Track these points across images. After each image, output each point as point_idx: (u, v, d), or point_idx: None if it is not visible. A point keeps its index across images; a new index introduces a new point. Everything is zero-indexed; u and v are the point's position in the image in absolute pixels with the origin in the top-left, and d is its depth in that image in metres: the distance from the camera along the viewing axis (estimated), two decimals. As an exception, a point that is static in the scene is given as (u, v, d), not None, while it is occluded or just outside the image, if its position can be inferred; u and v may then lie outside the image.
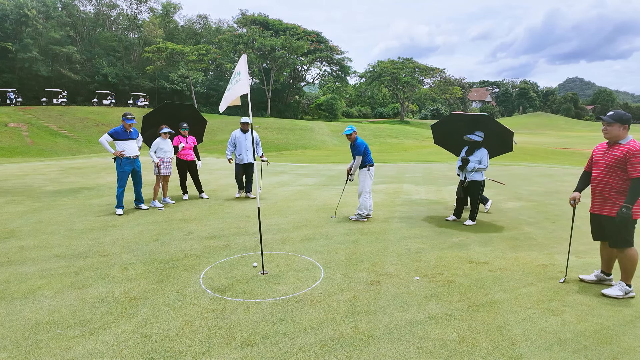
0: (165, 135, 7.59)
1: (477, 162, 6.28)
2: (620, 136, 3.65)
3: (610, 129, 3.67)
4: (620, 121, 3.63)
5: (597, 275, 4.05)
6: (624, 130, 3.64)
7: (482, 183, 6.40)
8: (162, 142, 7.59)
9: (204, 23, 64.39)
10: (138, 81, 53.12)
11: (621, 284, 3.75)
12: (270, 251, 5.08)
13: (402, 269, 4.47)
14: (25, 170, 12.95)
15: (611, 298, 3.70)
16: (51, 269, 4.42)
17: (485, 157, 6.30)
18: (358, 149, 6.42)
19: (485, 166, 6.28)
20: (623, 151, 3.58)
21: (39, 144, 30.48)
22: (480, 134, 6.38)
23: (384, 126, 47.26)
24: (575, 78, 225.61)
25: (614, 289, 3.77)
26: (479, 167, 6.27)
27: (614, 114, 3.67)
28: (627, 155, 3.54)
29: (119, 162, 6.94)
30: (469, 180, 6.36)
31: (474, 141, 6.37)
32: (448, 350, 2.90)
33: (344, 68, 62.41)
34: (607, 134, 3.71)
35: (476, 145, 6.39)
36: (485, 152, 6.34)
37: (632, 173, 3.52)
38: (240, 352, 2.87)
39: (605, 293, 3.75)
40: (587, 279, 4.07)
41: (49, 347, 2.91)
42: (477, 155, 6.34)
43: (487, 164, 6.30)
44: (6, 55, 45.00)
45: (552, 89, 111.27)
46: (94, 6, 57.86)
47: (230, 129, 38.50)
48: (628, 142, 3.61)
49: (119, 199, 7.02)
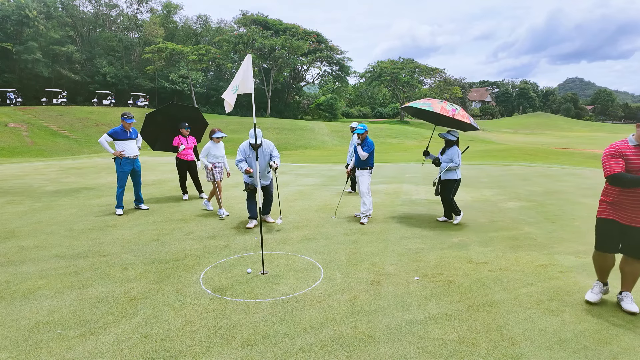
0: (218, 140, 7.15)
1: (449, 161, 6.29)
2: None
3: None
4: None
5: (601, 290, 3.64)
6: None
7: (457, 182, 6.37)
8: (213, 147, 7.13)
9: (204, 23, 64.42)
10: (138, 81, 53.14)
11: (629, 295, 3.48)
12: (270, 251, 5.07)
13: (402, 269, 4.47)
14: (25, 171, 12.95)
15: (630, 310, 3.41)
16: (51, 269, 4.42)
17: (456, 155, 6.29)
18: (369, 147, 6.40)
19: (457, 164, 6.27)
20: None
21: (39, 144, 30.48)
22: (455, 133, 6.40)
23: (384, 126, 47.29)
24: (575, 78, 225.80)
25: (632, 304, 3.42)
26: (451, 166, 6.26)
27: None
28: None
29: (118, 162, 6.95)
30: (443, 179, 6.38)
31: (448, 140, 6.38)
32: (448, 350, 2.90)
33: (344, 68, 62.44)
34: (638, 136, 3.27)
35: (449, 144, 6.39)
36: (456, 150, 6.33)
37: None
38: (240, 352, 2.87)
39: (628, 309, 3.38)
40: (594, 300, 3.58)
41: (49, 347, 2.91)
42: (449, 154, 6.33)
43: (459, 161, 6.30)
44: (7, 56, 45.03)
45: (552, 89, 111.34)
46: (94, 6, 57.88)
47: (231, 129, 38.52)
48: None
49: (119, 199, 7.02)
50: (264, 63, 56.32)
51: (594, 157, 19.97)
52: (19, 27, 45.37)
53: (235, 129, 38.52)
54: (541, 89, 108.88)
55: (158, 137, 8.20)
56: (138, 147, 7.20)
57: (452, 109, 6.08)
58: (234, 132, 37.40)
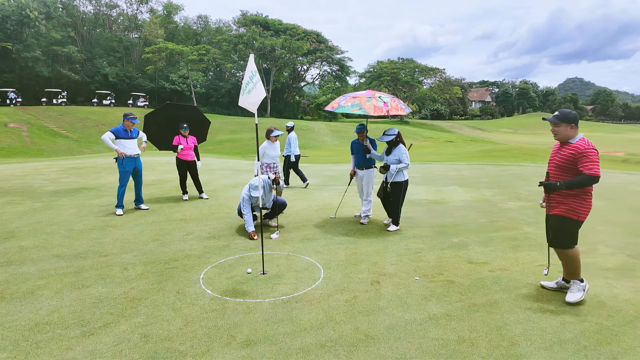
0: (275, 139, 6.93)
1: (397, 162, 5.86)
2: (569, 135, 3.53)
3: (557, 129, 3.56)
4: (566, 120, 3.51)
5: (558, 283, 3.88)
6: (572, 130, 3.51)
7: (405, 184, 5.93)
8: (269, 147, 6.92)
9: (204, 23, 64.44)
10: (138, 81, 53.17)
11: (575, 283, 3.67)
12: (270, 251, 5.07)
13: (402, 269, 4.47)
14: (25, 171, 12.94)
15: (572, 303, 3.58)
16: (51, 269, 4.42)
17: (403, 155, 5.85)
18: (374, 145, 6.35)
19: (406, 164, 5.84)
20: (572, 151, 3.47)
21: (39, 144, 30.48)
22: (393, 131, 5.94)
23: (383, 126, 47.26)
24: (575, 78, 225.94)
25: (574, 293, 3.63)
26: (400, 167, 5.82)
27: (558, 114, 3.57)
28: (576, 156, 3.44)
29: (120, 161, 6.97)
30: (390, 182, 5.91)
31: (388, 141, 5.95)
32: (448, 350, 2.90)
33: (344, 68, 62.48)
34: (556, 135, 3.60)
35: (392, 144, 5.95)
36: (402, 149, 5.89)
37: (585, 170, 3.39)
38: (240, 352, 2.87)
39: (570, 301, 3.59)
40: (547, 285, 3.92)
41: (49, 348, 2.91)
42: (395, 155, 5.88)
43: (408, 161, 5.86)
44: (7, 56, 45.03)
45: (552, 89, 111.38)
46: (94, 6, 57.91)
47: (230, 129, 38.56)
48: (577, 141, 3.48)
49: (119, 199, 7.02)
50: (264, 63, 56.33)
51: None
52: (19, 27, 45.39)
53: (235, 129, 38.54)
54: (541, 89, 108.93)
55: (163, 137, 8.21)
56: (143, 147, 7.27)
57: (383, 104, 5.74)
58: (234, 132, 37.42)
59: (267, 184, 5.97)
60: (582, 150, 3.41)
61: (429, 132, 46.00)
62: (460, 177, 11.76)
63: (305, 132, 38.35)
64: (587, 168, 3.36)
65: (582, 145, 3.43)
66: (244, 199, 5.69)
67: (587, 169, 3.36)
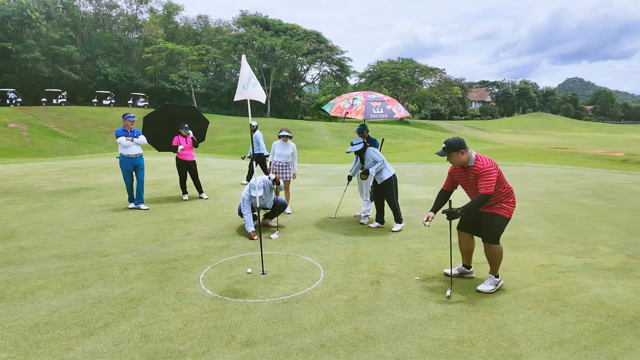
0: (285, 139, 7.01)
1: (373, 163, 5.91)
2: (464, 160, 3.74)
3: (451, 159, 3.79)
4: (453, 149, 3.72)
5: (459, 269, 4.23)
6: (464, 155, 3.73)
7: (393, 179, 5.99)
8: (279, 146, 6.98)
9: (204, 23, 64.45)
10: (138, 81, 53.17)
11: (490, 277, 3.90)
12: (270, 251, 5.07)
13: (402, 269, 4.47)
14: (25, 171, 12.94)
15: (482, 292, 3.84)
16: (51, 269, 4.42)
17: (375, 155, 5.91)
18: (375, 145, 6.37)
19: (381, 161, 5.89)
20: (473, 173, 3.72)
21: (39, 144, 30.49)
22: (356, 141, 6.01)
23: (383, 126, 47.27)
24: (574, 78, 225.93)
25: (486, 285, 3.88)
26: (377, 166, 5.88)
27: (445, 146, 3.74)
28: (477, 177, 3.69)
29: (120, 160, 7.20)
30: (379, 183, 5.97)
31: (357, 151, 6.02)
32: (448, 350, 2.90)
33: (344, 68, 62.47)
34: (453, 163, 3.82)
35: (362, 152, 6.03)
36: (371, 151, 5.95)
37: (480, 189, 3.64)
38: (240, 352, 2.87)
39: (480, 289, 3.85)
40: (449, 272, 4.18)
41: (49, 348, 2.91)
42: (368, 159, 5.95)
43: (381, 157, 5.92)
44: (7, 56, 45.04)
45: (552, 90, 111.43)
46: (94, 6, 57.92)
47: (230, 129, 38.54)
48: (475, 163, 3.71)
49: (129, 194, 7.38)
50: (263, 63, 56.33)
51: (593, 157, 19.98)
52: (19, 27, 45.40)
53: (235, 129, 38.52)
54: (541, 89, 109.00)
55: (162, 138, 8.21)
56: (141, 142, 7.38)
57: (349, 106, 6.07)
58: (234, 132, 37.41)
59: (268, 184, 5.98)
60: (479, 171, 3.67)
61: (429, 132, 45.98)
62: (460, 177, 11.75)
63: (305, 132, 38.36)
64: (483, 188, 3.64)
65: (479, 167, 3.68)
66: (244, 199, 5.69)
67: (483, 189, 3.64)
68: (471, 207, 3.65)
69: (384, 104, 6.16)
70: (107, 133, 36.16)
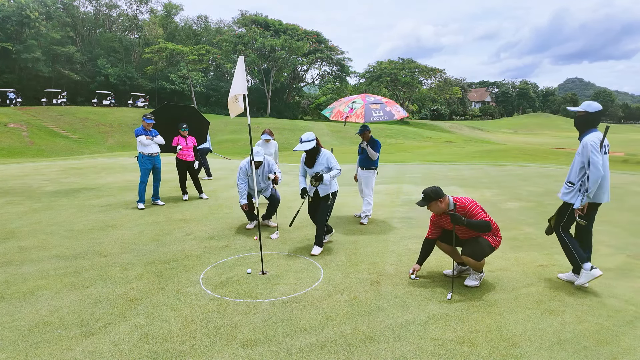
0: (267, 140, 7.53)
1: (327, 170, 4.95)
2: (444, 208, 3.85)
3: (432, 208, 3.89)
4: (431, 199, 3.82)
5: (456, 268, 4.33)
6: (443, 203, 3.83)
7: (336, 195, 5.07)
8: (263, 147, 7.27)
9: (204, 23, 64.46)
10: (138, 82, 53.16)
11: (476, 273, 4.04)
12: (270, 251, 5.07)
13: (402, 269, 4.47)
14: (25, 171, 12.94)
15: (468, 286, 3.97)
16: (51, 270, 4.42)
17: (332, 160, 4.95)
18: (377, 147, 6.34)
19: (338, 170, 4.95)
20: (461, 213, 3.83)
21: (39, 145, 30.50)
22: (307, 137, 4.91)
23: (383, 126, 47.28)
24: (574, 78, 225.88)
25: (471, 280, 4.02)
26: (334, 174, 4.92)
27: (424, 196, 3.84)
28: (466, 215, 3.81)
29: (140, 158, 7.45)
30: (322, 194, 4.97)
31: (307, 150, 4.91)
32: (448, 350, 2.89)
33: (344, 68, 62.47)
34: (434, 212, 3.94)
35: (314, 152, 4.98)
36: (328, 154, 5.00)
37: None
38: (240, 352, 2.87)
39: (467, 284, 3.99)
40: (449, 273, 4.29)
41: (49, 348, 2.91)
42: (322, 162, 4.94)
43: (339, 166, 5.01)
44: (7, 56, 45.04)
45: (552, 90, 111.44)
46: (94, 7, 57.93)
47: (230, 129, 38.56)
48: (457, 205, 3.83)
49: (140, 194, 7.48)
50: (264, 63, 56.32)
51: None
52: (19, 27, 45.41)
53: (235, 129, 38.54)
54: (541, 90, 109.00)
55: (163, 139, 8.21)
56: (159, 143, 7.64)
57: (349, 110, 6.10)
58: (234, 133, 37.44)
59: (268, 165, 6.02)
60: (465, 209, 3.82)
61: (429, 132, 45.99)
62: (460, 178, 11.76)
63: (305, 132, 38.37)
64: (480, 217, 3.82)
65: (463, 207, 3.83)
66: (240, 169, 5.77)
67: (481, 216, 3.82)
68: (474, 223, 3.77)
69: (382, 106, 6.18)
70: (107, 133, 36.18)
